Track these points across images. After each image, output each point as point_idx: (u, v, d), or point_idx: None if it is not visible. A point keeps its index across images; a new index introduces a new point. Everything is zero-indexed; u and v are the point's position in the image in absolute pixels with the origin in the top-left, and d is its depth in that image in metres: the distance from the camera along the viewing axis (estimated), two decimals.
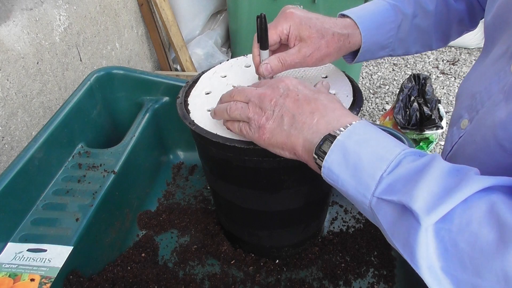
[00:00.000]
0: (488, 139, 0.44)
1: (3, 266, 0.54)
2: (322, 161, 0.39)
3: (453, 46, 2.79)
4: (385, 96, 2.48)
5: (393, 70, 2.74)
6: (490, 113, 0.45)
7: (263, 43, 0.52)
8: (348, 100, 0.55)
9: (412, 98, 1.78)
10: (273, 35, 0.52)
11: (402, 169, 0.35)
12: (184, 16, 2.06)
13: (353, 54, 0.60)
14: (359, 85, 0.52)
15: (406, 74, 2.69)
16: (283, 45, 0.55)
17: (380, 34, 0.58)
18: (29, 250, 0.56)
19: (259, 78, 0.58)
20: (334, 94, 0.54)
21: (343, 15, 0.58)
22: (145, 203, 0.79)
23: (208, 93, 0.59)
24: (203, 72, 0.65)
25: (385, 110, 2.36)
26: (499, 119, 0.42)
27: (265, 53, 0.53)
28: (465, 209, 0.32)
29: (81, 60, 1.35)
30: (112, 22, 1.56)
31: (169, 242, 0.72)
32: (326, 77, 0.60)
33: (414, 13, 0.60)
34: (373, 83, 2.61)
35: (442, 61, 2.71)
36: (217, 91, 0.58)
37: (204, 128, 0.52)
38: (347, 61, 0.62)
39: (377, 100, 2.45)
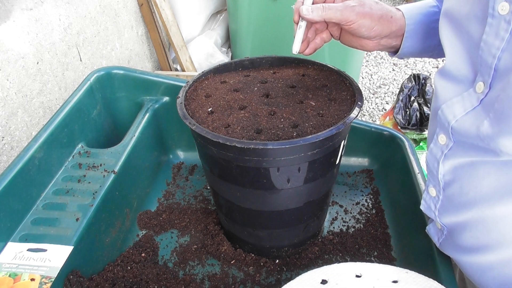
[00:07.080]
0: None
1: (3, 266, 0.54)
2: None
3: None
4: (385, 96, 2.48)
5: (393, 70, 2.74)
6: None
7: None
8: None
9: (412, 98, 1.77)
10: None
11: None
12: (184, 16, 2.06)
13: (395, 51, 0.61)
14: (359, 85, 0.52)
15: (406, 74, 2.69)
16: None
17: (424, 19, 0.57)
18: (29, 249, 0.56)
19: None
20: None
21: None
22: (145, 203, 0.79)
23: None
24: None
25: (385, 110, 2.35)
26: None
27: (309, 1, 0.56)
28: None
29: (81, 60, 1.35)
30: (112, 22, 1.56)
31: (169, 242, 0.72)
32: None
33: None
34: (373, 83, 2.61)
35: (442, 60, 2.71)
36: None
37: None
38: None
39: (377, 100, 2.45)
